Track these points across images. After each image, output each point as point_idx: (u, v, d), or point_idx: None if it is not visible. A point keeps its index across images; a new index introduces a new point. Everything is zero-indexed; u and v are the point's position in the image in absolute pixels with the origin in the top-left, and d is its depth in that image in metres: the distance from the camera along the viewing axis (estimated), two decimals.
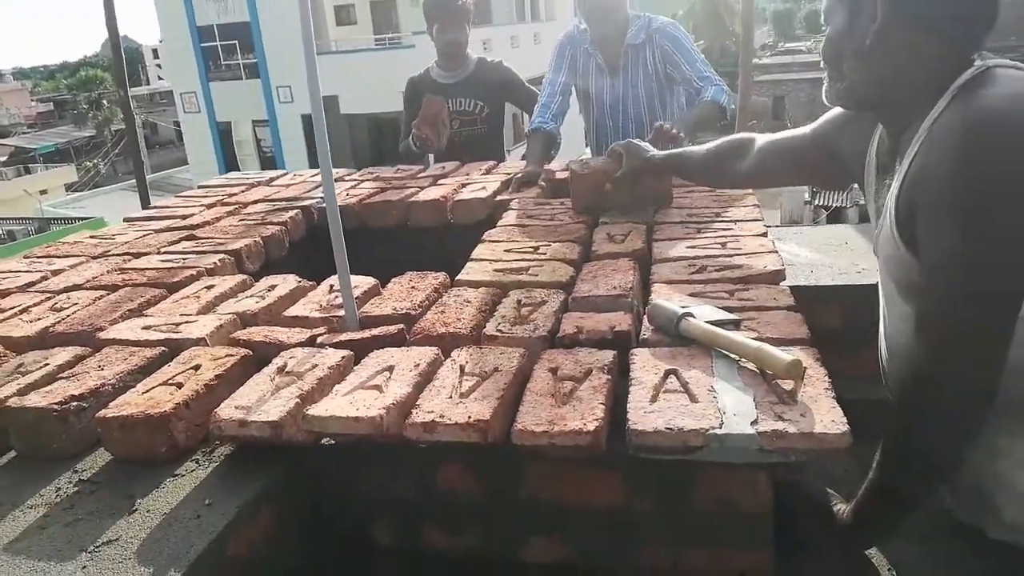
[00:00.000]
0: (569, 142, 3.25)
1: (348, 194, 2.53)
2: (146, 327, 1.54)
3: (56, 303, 1.74)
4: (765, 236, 1.77)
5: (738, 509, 1.12)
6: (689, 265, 1.63)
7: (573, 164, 2.14)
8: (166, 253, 2.07)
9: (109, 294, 1.77)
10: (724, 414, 1.04)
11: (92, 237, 2.36)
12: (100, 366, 1.38)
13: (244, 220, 2.35)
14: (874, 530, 1.17)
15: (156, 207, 2.81)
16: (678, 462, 1.06)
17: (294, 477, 1.21)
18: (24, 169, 31.28)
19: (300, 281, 1.76)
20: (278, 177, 2.99)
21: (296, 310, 1.59)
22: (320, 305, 1.60)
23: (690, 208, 2.06)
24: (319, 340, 1.43)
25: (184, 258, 1.99)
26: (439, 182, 2.62)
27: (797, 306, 1.38)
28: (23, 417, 1.24)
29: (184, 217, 2.46)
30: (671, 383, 1.14)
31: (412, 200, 2.40)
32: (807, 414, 1.03)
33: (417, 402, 1.16)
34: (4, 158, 33.71)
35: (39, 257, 2.17)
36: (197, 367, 1.33)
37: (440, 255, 2.15)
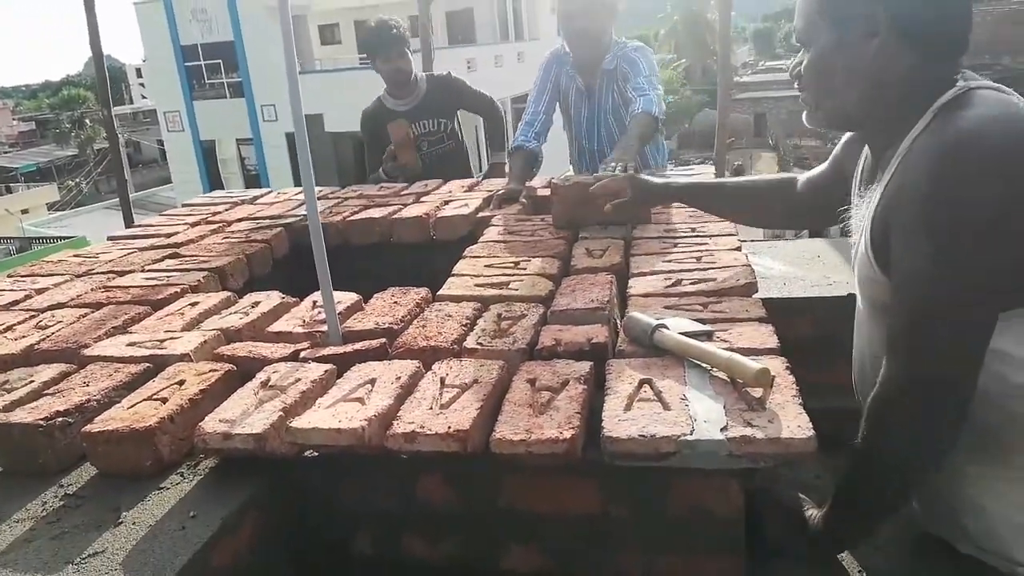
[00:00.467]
0: (556, 159, 3.32)
1: (332, 211, 2.56)
2: (131, 343, 1.56)
3: (40, 321, 1.76)
4: (739, 250, 1.82)
5: (711, 516, 1.15)
6: (665, 279, 1.67)
7: (556, 179, 2.19)
8: (150, 271, 2.09)
9: (94, 311, 1.78)
10: (695, 421, 1.08)
11: (76, 256, 2.37)
12: (85, 382, 1.39)
13: (228, 238, 2.37)
14: (844, 538, 1.19)
15: (140, 225, 2.82)
16: (653, 470, 1.09)
17: (278, 489, 1.23)
18: (5, 188, 31.08)
19: (284, 297, 1.79)
20: (262, 195, 3.01)
21: (280, 326, 1.61)
22: (303, 321, 1.63)
23: (667, 224, 2.10)
24: (302, 355, 1.45)
25: (168, 276, 2.01)
26: (422, 199, 2.66)
27: (768, 317, 1.42)
28: (8, 433, 1.25)
29: (168, 235, 2.48)
30: (645, 392, 1.18)
31: (395, 217, 2.43)
32: (775, 420, 1.06)
33: (398, 414, 1.19)
34: None
35: (23, 276, 2.18)
36: (181, 382, 1.35)
37: (423, 271, 2.18)
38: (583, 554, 1.21)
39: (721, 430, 1.05)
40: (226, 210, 2.79)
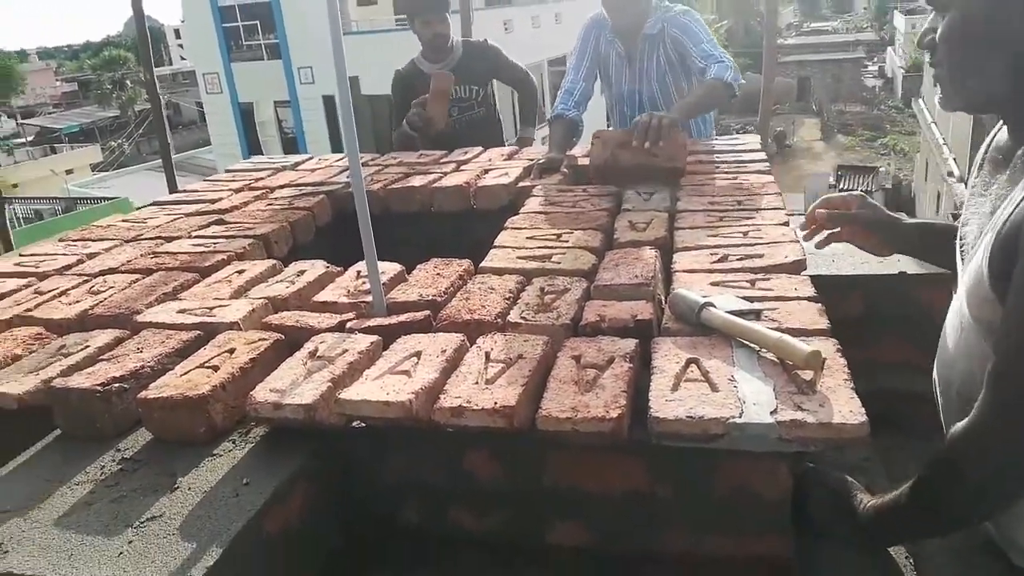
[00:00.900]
0: (591, 127, 3.27)
1: (372, 179, 2.56)
2: (181, 311, 1.59)
3: (93, 286, 1.80)
4: (787, 225, 1.78)
5: (759, 497, 1.15)
6: (711, 254, 1.64)
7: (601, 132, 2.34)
8: (197, 237, 2.12)
9: (144, 277, 1.82)
10: (744, 403, 1.07)
11: (125, 221, 2.42)
12: (139, 348, 1.43)
13: (271, 205, 2.40)
14: (895, 536, 1.15)
15: (185, 191, 2.86)
16: (699, 450, 1.09)
17: (326, 458, 1.26)
18: (50, 149, 31.71)
19: (328, 267, 1.80)
20: (303, 161, 3.03)
21: (325, 295, 1.63)
22: (348, 291, 1.64)
23: (712, 197, 2.07)
24: (348, 325, 1.47)
25: (215, 242, 2.04)
26: (461, 168, 2.65)
27: (817, 296, 1.39)
28: (67, 398, 1.29)
29: (213, 201, 2.51)
30: (692, 372, 1.17)
31: (436, 186, 2.43)
32: (826, 404, 1.05)
33: (444, 387, 1.20)
34: (31, 138, 34.16)
35: (74, 240, 2.24)
36: (232, 350, 1.38)
37: (462, 240, 2.18)
38: (628, 532, 1.21)
39: (771, 413, 1.04)
40: (269, 176, 2.81)
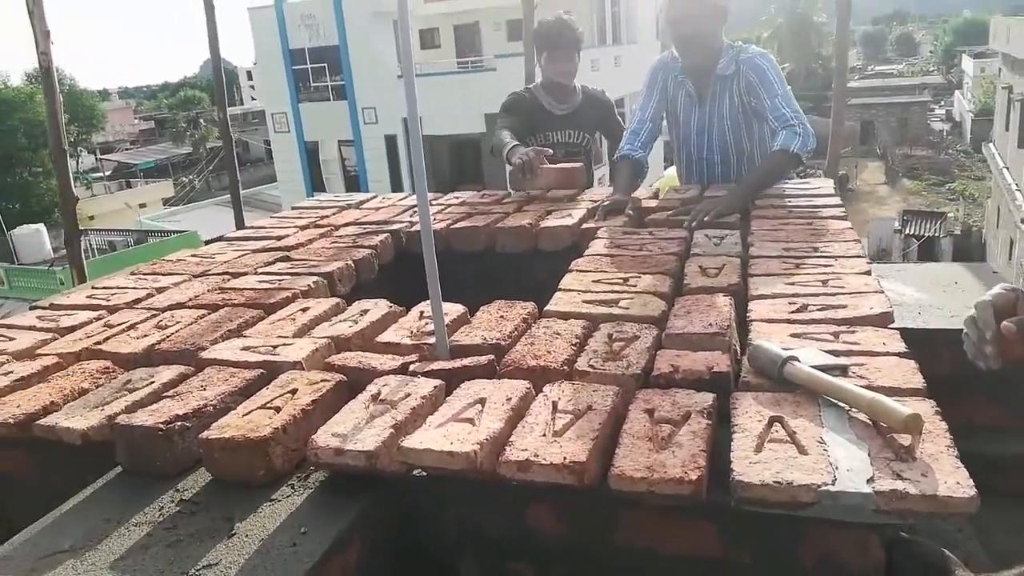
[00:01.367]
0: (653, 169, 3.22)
1: (435, 219, 2.55)
2: (245, 348, 1.59)
3: (161, 320, 1.82)
4: (869, 275, 1.69)
5: (846, 569, 1.06)
6: (789, 303, 1.57)
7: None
8: (263, 273, 2.14)
9: (210, 313, 1.83)
10: (836, 469, 0.98)
11: (194, 255, 2.46)
12: (203, 386, 1.42)
13: (336, 243, 2.41)
14: None
15: (252, 227, 2.91)
16: (781, 515, 1.01)
17: (385, 506, 1.21)
18: (125, 183, 33.24)
19: (391, 306, 1.78)
20: (367, 200, 3.05)
21: (388, 336, 1.60)
22: (411, 332, 1.61)
23: (786, 242, 1.99)
24: (411, 368, 1.44)
25: (280, 279, 2.05)
26: (524, 208, 2.63)
27: (909, 352, 1.30)
28: (131, 434, 1.28)
29: (279, 238, 2.54)
30: (776, 432, 1.09)
31: (499, 226, 2.40)
32: (928, 474, 0.96)
33: (510, 438, 1.15)
34: (108, 173, 35.91)
35: (145, 274, 2.28)
36: (294, 391, 1.36)
37: (524, 280, 2.14)
38: None
39: (867, 481, 0.95)
40: (334, 214, 2.84)
